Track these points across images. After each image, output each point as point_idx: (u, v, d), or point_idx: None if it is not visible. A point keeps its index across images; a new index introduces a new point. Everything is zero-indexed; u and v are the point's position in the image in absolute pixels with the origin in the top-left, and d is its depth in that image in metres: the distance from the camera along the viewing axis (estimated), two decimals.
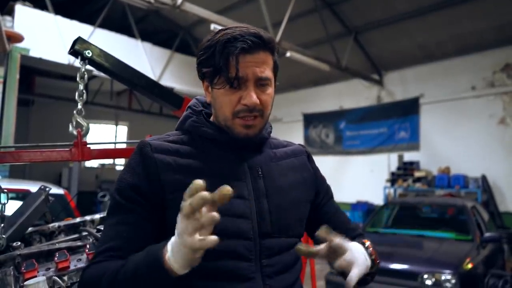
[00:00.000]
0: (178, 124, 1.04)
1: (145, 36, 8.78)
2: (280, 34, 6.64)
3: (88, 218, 1.57)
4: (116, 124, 12.78)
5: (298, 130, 10.90)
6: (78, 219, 1.56)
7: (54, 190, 2.81)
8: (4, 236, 1.27)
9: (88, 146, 1.60)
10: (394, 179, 8.70)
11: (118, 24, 8.63)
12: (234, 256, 0.87)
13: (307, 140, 10.72)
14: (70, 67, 7.00)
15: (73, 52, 1.55)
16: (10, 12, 6.43)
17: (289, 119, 10.97)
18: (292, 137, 10.02)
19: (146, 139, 0.96)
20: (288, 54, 6.86)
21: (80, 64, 1.57)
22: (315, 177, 1.12)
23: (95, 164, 12.12)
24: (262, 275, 0.89)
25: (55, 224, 1.49)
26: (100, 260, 0.84)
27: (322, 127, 10.57)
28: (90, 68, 1.63)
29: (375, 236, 5.30)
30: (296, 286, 0.97)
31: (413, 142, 8.71)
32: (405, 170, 8.56)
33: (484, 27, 7.30)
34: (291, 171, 1.05)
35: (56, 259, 1.25)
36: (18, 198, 2.90)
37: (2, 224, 1.28)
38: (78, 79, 1.60)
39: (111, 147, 2.17)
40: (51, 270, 1.25)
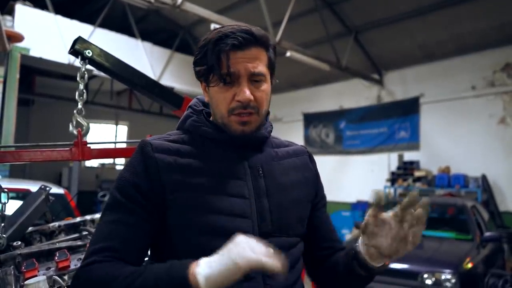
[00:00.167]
0: (179, 124, 1.04)
1: (145, 36, 8.77)
2: (280, 33, 6.64)
3: (88, 217, 1.57)
4: (116, 124, 12.78)
5: (298, 130, 10.89)
6: (78, 219, 1.56)
7: (54, 189, 2.81)
8: (4, 235, 1.27)
9: (88, 145, 1.60)
10: (394, 178, 8.70)
11: (118, 23, 8.62)
12: None
13: (307, 140, 10.71)
14: (71, 66, 7.00)
15: (73, 51, 1.55)
16: (10, 12, 6.42)
17: (289, 119, 10.96)
18: (292, 137, 10.03)
19: (147, 139, 0.96)
20: (288, 54, 6.85)
21: (80, 63, 1.57)
22: (317, 178, 1.12)
23: (95, 163, 12.13)
24: (262, 275, 0.89)
25: (56, 224, 1.49)
26: (100, 260, 0.82)
27: (322, 127, 10.56)
28: (90, 67, 1.63)
29: None
30: (297, 286, 0.97)
31: (413, 142, 8.70)
32: (405, 170, 8.55)
33: (484, 26, 7.29)
34: (292, 170, 1.04)
35: (56, 258, 1.25)
36: (19, 198, 2.90)
37: (3, 224, 1.28)
38: (78, 78, 1.60)
39: (111, 146, 2.17)
40: (51, 269, 1.25)
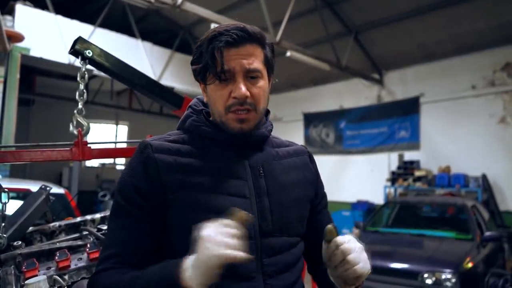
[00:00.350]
0: (179, 124, 1.04)
1: (145, 36, 8.77)
2: (280, 33, 6.64)
3: (88, 217, 1.57)
4: (117, 124, 12.77)
5: (299, 129, 10.89)
6: (78, 219, 1.56)
7: (55, 189, 2.82)
8: (5, 235, 1.27)
9: (88, 145, 1.60)
10: (394, 178, 8.69)
11: (119, 23, 8.62)
12: None
13: (308, 140, 10.71)
14: (71, 66, 7.00)
15: (73, 51, 1.55)
16: (11, 12, 6.42)
17: (289, 118, 10.96)
18: (293, 136, 10.02)
19: (147, 140, 0.96)
20: (288, 54, 6.85)
21: (80, 63, 1.57)
22: (317, 177, 1.12)
23: (96, 163, 12.13)
24: (263, 274, 0.89)
25: (56, 224, 1.49)
26: (106, 268, 0.86)
27: (322, 127, 10.56)
28: (91, 67, 1.63)
29: (376, 235, 5.30)
30: (297, 286, 0.97)
31: (413, 142, 8.69)
32: (405, 170, 8.55)
33: (484, 26, 7.28)
34: (292, 169, 1.04)
35: (56, 258, 1.25)
36: (19, 198, 2.91)
37: (3, 224, 1.28)
38: (78, 78, 1.60)
39: (112, 146, 2.17)
40: (51, 269, 1.25)
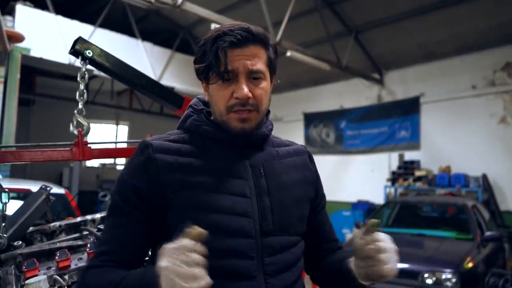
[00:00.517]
0: (179, 123, 1.04)
1: (145, 36, 8.77)
2: (280, 33, 6.64)
3: (89, 217, 1.57)
4: (117, 124, 12.77)
5: (299, 129, 10.88)
6: (79, 219, 1.56)
7: (55, 189, 2.82)
8: (5, 235, 1.27)
9: (89, 145, 1.60)
10: (394, 178, 8.69)
11: (119, 23, 8.62)
12: (236, 255, 0.87)
13: (308, 140, 10.71)
14: (71, 67, 6.99)
15: (73, 52, 1.55)
16: (11, 12, 6.42)
17: (289, 118, 10.95)
18: (293, 136, 10.01)
19: (147, 139, 0.96)
20: (288, 54, 6.85)
21: (80, 64, 1.57)
22: (316, 177, 1.12)
23: (96, 163, 12.13)
24: (264, 274, 0.89)
25: (56, 224, 1.49)
26: (96, 265, 0.86)
27: (322, 127, 10.55)
28: (91, 68, 1.63)
29: None
30: (298, 285, 0.97)
31: (413, 141, 8.69)
32: (405, 169, 8.54)
33: (484, 26, 7.28)
34: (292, 169, 1.05)
35: (57, 258, 1.25)
36: (19, 198, 2.91)
37: (4, 224, 1.28)
38: (78, 79, 1.60)
39: (112, 146, 2.17)
40: (52, 269, 1.25)
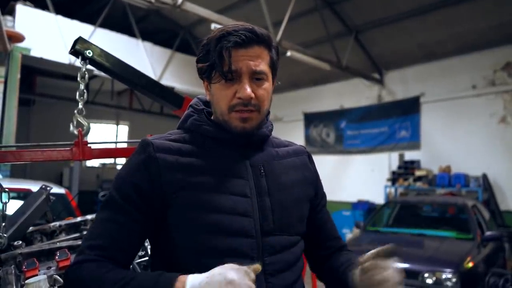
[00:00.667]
0: (180, 123, 1.04)
1: (145, 36, 8.77)
2: (280, 33, 6.64)
3: (89, 217, 1.57)
4: (117, 124, 12.78)
5: (299, 129, 10.88)
6: (79, 219, 1.56)
7: (55, 189, 2.82)
8: (5, 235, 1.27)
9: (89, 145, 1.60)
10: (395, 178, 8.69)
11: (119, 23, 8.62)
12: (237, 254, 0.87)
13: (308, 140, 10.71)
14: (71, 66, 6.99)
15: (74, 52, 1.54)
16: (11, 12, 6.42)
17: (289, 118, 10.95)
18: (293, 136, 10.02)
19: (148, 138, 0.96)
20: (288, 54, 6.85)
21: (81, 64, 1.57)
22: (316, 177, 1.12)
23: (96, 163, 12.14)
24: (264, 273, 0.89)
25: (56, 223, 1.49)
26: (91, 259, 0.84)
27: (322, 127, 10.55)
28: (91, 67, 1.63)
29: (376, 235, 5.30)
30: (298, 285, 0.97)
31: (413, 141, 8.69)
32: (405, 169, 8.54)
33: (484, 26, 7.28)
34: (292, 169, 1.05)
35: (57, 258, 1.25)
36: (20, 198, 2.91)
37: (4, 223, 1.28)
38: (79, 78, 1.60)
39: (112, 146, 2.17)
40: (52, 268, 1.25)
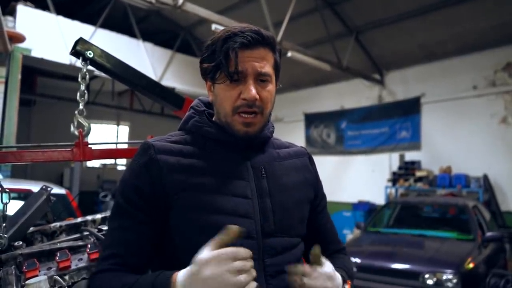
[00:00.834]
0: (181, 124, 1.04)
1: (146, 36, 8.78)
2: (281, 34, 6.64)
3: (89, 218, 1.57)
4: (118, 124, 12.79)
5: (300, 130, 10.88)
6: (79, 219, 1.56)
7: (56, 190, 2.82)
8: (5, 235, 1.27)
9: (89, 146, 1.59)
10: (395, 178, 8.68)
11: (120, 24, 8.63)
12: None
13: (309, 140, 10.71)
14: (72, 67, 7.00)
15: (74, 52, 1.54)
16: (12, 13, 6.43)
17: (290, 119, 10.95)
18: (294, 137, 10.02)
19: (149, 140, 0.96)
20: (289, 54, 6.85)
21: (81, 64, 1.57)
22: (316, 179, 1.12)
23: (97, 164, 12.13)
24: (264, 275, 0.90)
25: (57, 224, 1.49)
26: (104, 269, 0.86)
27: (323, 127, 10.55)
28: (92, 68, 1.63)
29: (377, 236, 5.30)
30: None
31: (414, 142, 8.68)
32: (406, 170, 8.54)
33: (485, 26, 7.27)
34: (293, 171, 1.05)
35: (57, 258, 1.25)
36: (20, 198, 2.91)
37: (4, 224, 1.28)
38: (79, 79, 1.60)
39: (113, 147, 2.17)
40: (52, 269, 1.25)
